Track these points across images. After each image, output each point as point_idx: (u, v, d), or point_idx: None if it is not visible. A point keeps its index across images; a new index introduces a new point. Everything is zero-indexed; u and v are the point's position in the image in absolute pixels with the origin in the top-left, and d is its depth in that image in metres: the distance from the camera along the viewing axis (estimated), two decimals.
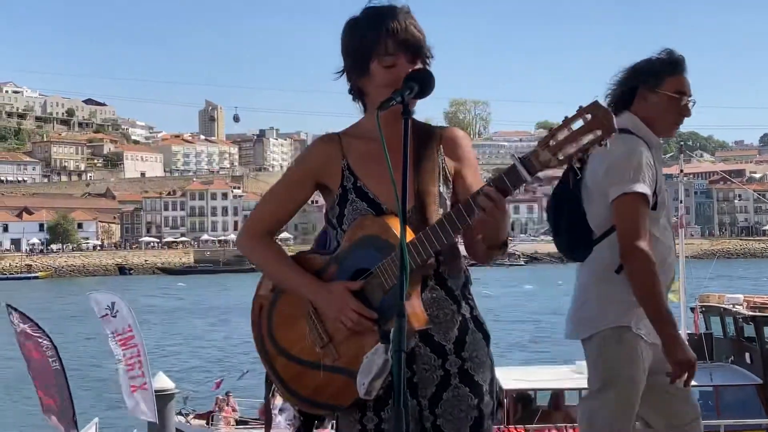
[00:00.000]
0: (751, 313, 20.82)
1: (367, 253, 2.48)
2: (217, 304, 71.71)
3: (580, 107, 2.18)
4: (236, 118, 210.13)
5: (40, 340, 16.11)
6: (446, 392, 2.53)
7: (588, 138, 2.16)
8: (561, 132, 2.18)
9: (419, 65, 2.52)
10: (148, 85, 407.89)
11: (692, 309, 23.38)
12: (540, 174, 2.28)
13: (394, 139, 2.40)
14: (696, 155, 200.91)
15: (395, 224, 2.42)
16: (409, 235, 2.40)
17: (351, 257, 2.53)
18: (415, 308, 2.44)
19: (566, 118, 2.18)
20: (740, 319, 21.26)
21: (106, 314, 16.60)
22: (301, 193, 2.72)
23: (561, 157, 2.19)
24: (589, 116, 2.15)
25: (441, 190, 2.58)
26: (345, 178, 2.60)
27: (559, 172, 2.92)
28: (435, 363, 2.54)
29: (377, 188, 2.56)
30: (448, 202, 2.58)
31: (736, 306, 21.35)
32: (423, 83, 2.39)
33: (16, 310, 16.54)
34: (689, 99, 3.95)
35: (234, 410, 22.46)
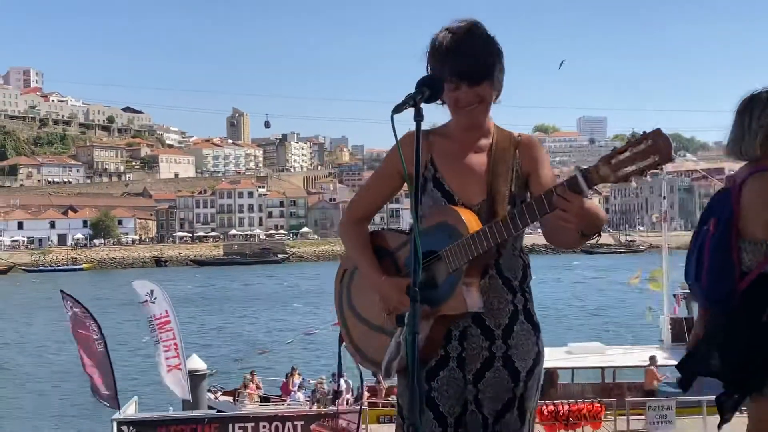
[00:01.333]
0: None
1: (438, 238, 2.53)
2: (244, 293, 71.88)
3: (644, 132, 2.19)
4: (267, 124, 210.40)
5: (88, 324, 16.24)
6: (489, 372, 2.59)
7: (646, 162, 2.17)
8: (624, 152, 2.20)
9: (484, 85, 2.58)
10: (180, 94, 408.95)
11: (675, 296, 23.34)
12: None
13: (472, 141, 2.62)
14: (679, 155, 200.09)
15: (467, 216, 2.51)
16: (477, 226, 2.48)
17: (424, 240, 2.52)
18: (473, 293, 2.50)
19: (629, 140, 2.22)
20: None
21: (146, 300, 16.75)
22: (389, 184, 2.79)
23: (619, 175, 2.20)
24: (650, 142, 2.16)
25: (513, 191, 2.63)
26: (427, 169, 2.66)
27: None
28: (483, 344, 2.59)
29: (453, 182, 2.63)
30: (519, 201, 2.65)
31: None
32: (434, 88, 2.42)
33: (69, 296, 16.69)
34: None
35: (258, 387, 22.49)
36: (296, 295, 65.87)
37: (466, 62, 2.55)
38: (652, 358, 20.65)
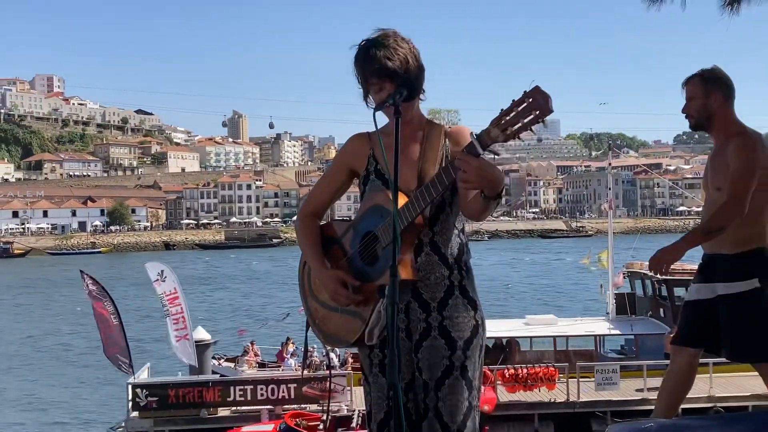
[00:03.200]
0: (663, 277, 20.85)
1: (373, 219, 2.48)
2: (245, 273, 71.70)
3: (524, 92, 2.14)
4: (272, 125, 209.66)
5: (104, 301, 16.16)
6: (426, 341, 2.50)
7: (529, 118, 2.12)
8: (509, 113, 2.15)
9: (403, 84, 2.48)
10: (187, 97, 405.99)
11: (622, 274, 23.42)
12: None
13: (406, 134, 2.52)
14: (623, 152, 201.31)
15: (400, 200, 2.43)
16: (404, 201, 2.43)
17: (362, 223, 2.52)
18: (406, 262, 2.43)
19: (513, 101, 2.16)
20: (655, 282, 21.35)
21: (158, 279, 16.70)
22: (338, 180, 2.70)
23: (508, 133, 2.16)
24: (530, 99, 2.12)
25: None
26: (369, 163, 2.60)
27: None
28: (420, 316, 2.51)
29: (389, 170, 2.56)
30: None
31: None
32: (411, 89, 2.42)
33: (88, 275, 16.59)
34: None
35: (256, 355, 22.45)
36: (293, 275, 65.76)
37: (383, 65, 2.47)
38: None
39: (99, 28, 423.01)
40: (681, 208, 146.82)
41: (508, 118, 2.15)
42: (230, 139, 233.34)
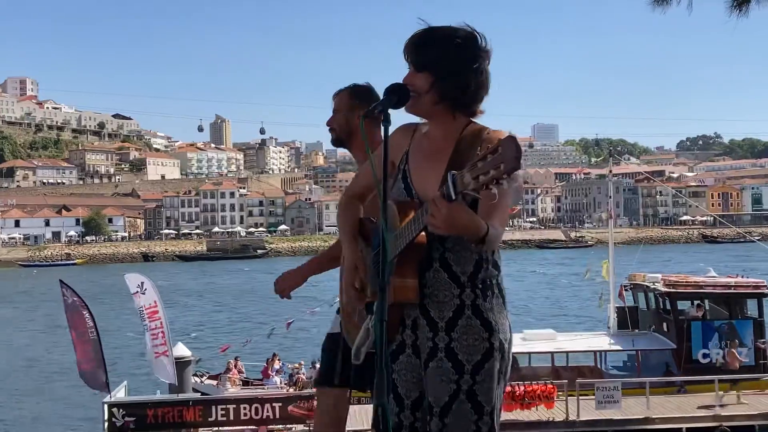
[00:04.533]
0: (666, 290, 20.93)
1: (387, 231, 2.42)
2: (228, 287, 71.50)
3: (499, 140, 2.02)
4: (263, 131, 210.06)
5: (83, 313, 16.07)
6: (432, 362, 2.47)
7: (496, 172, 1.98)
8: (483, 160, 2.03)
9: (423, 74, 2.43)
10: (166, 101, 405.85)
11: (624, 287, 23.47)
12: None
13: (434, 139, 2.48)
14: (624, 158, 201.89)
15: (407, 213, 2.39)
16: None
17: (375, 233, 2.51)
18: (407, 282, 2.41)
19: (488, 147, 2.06)
20: (658, 295, 21.41)
21: (137, 291, 16.61)
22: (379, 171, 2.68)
23: (479, 183, 2.03)
24: (499, 150, 1.99)
25: None
26: (401, 160, 2.57)
27: None
28: (428, 335, 2.47)
29: (415, 175, 2.52)
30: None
31: (656, 284, 21.45)
32: (401, 94, 2.37)
33: (67, 285, 16.52)
34: None
35: (240, 372, 22.39)
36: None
37: (409, 48, 2.46)
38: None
39: (74, 28, 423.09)
40: (684, 217, 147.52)
41: (480, 165, 2.04)
42: (213, 145, 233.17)
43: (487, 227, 2.25)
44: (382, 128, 2.31)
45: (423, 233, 2.37)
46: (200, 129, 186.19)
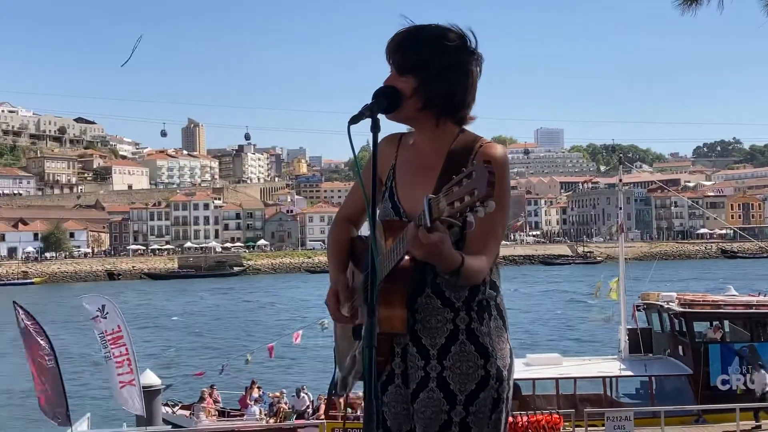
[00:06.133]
0: (681, 310, 20.98)
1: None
2: (199, 307, 71.31)
3: (473, 163, 1.99)
4: (248, 136, 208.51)
5: (40, 340, 15.98)
6: (423, 392, 2.47)
7: (469, 200, 1.96)
8: (457, 185, 1.99)
9: (407, 78, 2.42)
10: (134, 104, 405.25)
11: (637, 307, 23.54)
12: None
13: (428, 148, 2.47)
14: (635, 166, 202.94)
15: (395, 234, 2.36)
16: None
17: (367, 253, 2.49)
18: (394, 312, 2.40)
19: (463, 170, 2.02)
20: (673, 316, 21.46)
21: (97, 316, 16.52)
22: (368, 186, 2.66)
23: (453, 210, 2.00)
24: (473, 175, 1.96)
25: None
26: (388, 177, 2.57)
27: None
28: (418, 363, 2.47)
29: (402, 192, 2.52)
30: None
31: (670, 303, 21.51)
32: (391, 98, 2.35)
33: (22, 308, 16.43)
34: None
35: (216, 402, 22.32)
36: (255, 308, 65.53)
37: (391, 49, 2.45)
38: None
39: (32, 27, 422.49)
40: (702, 231, 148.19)
41: (455, 189, 2.00)
42: (185, 152, 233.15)
43: (462, 259, 2.23)
44: (371, 136, 2.28)
45: (408, 259, 2.35)
46: (163, 134, 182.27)
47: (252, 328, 51.09)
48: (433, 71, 2.42)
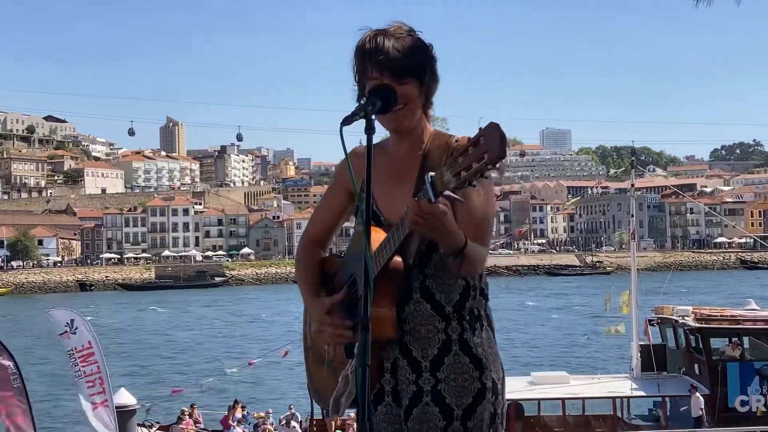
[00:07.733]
0: (697, 325, 20.92)
1: (357, 262, 2.49)
2: (178, 320, 71.26)
3: (480, 128, 2.10)
4: (239, 137, 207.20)
5: (2, 361, 15.87)
6: (416, 408, 2.49)
7: (480, 163, 2.07)
8: (464, 154, 2.11)
9: (410, 84, 2.52)
10: (108, 102, 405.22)
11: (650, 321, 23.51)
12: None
13: (403, 153, 2.59)
14: (648, 170, 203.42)
15: (375, 236, 2.43)
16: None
17: (348, 264, 2.57)
18: (384, 316, 2.43)
19: (468, 138, 2.14)
20: (689, 331, 21.41)
21: (65, 332, 16.39)
22: (336, 204, 2.76)
23: (461, 179, 2.11)
24: (482, 138, 2.07)
25: None
26: (362, 189, 2.56)
27: None
28: (410, 377, 2.50)
29: (380, 199, 2.58)
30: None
31: (685, 317, 21.46)
32: (386, 98, 2.39)
33: None
34: None
35: (197, 422, 22.30)
36: (237, 320, 65.49)
37: (390, 56, 2.50)
38: None
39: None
40: (720, 239, 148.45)
41: (461, 159, 2.12)
42: (163, 153, 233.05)
43: (465, 239, 2.32)
44: (365, 137, 2.32)
45: (399, 259, 2.43)
46: (131, 133, 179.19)
47: (234, 342, 51.03)
48: (429, 73, 2.57)
